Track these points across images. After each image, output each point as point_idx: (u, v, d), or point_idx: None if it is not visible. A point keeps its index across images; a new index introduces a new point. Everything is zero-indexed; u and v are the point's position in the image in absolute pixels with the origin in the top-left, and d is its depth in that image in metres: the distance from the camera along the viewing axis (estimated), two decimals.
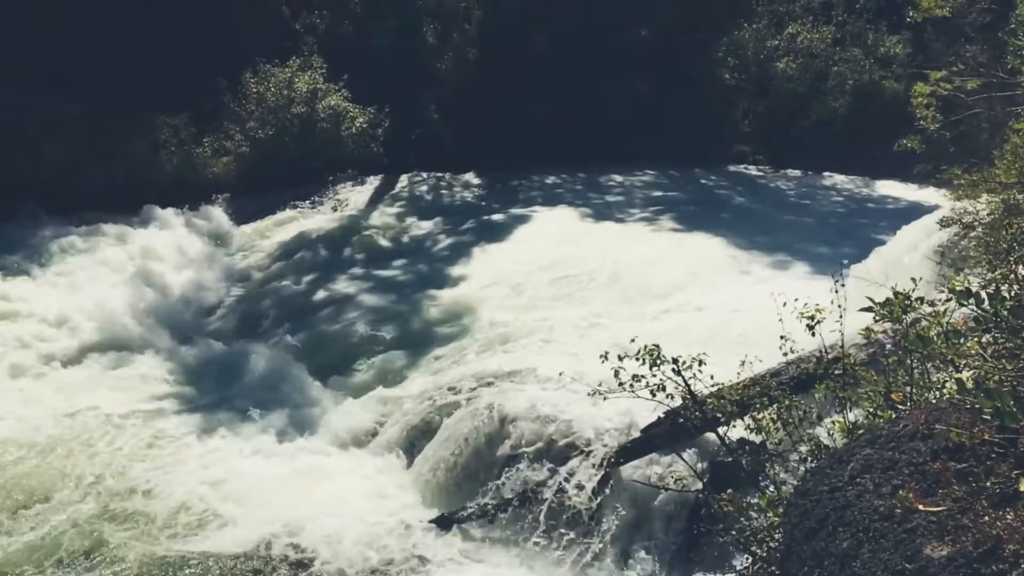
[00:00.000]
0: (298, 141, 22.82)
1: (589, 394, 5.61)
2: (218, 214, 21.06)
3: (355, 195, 22.70)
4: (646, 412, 8.33)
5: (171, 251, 18.39)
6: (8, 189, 18.92)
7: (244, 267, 18.73)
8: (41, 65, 20.33)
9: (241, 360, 13.86)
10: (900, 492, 2.84)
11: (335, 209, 21.83)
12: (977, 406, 2.86)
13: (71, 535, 9.51)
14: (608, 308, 13.43)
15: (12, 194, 18.88)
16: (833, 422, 4.44)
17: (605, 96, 25.48)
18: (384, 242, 19.38)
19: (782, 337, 5.07)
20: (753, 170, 25.78)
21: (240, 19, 24.19)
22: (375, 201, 22.33)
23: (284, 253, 18.86)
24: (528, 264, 16.48)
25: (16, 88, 19.99)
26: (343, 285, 16.77)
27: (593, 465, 9.15)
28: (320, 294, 16.43)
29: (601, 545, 8.90)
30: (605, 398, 5.43)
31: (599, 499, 9.03)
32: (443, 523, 9.77)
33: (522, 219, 19.78)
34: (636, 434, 9.03)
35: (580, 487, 9.13)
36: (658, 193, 22.51)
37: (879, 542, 2.83)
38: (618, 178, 23.80)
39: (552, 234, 18.40)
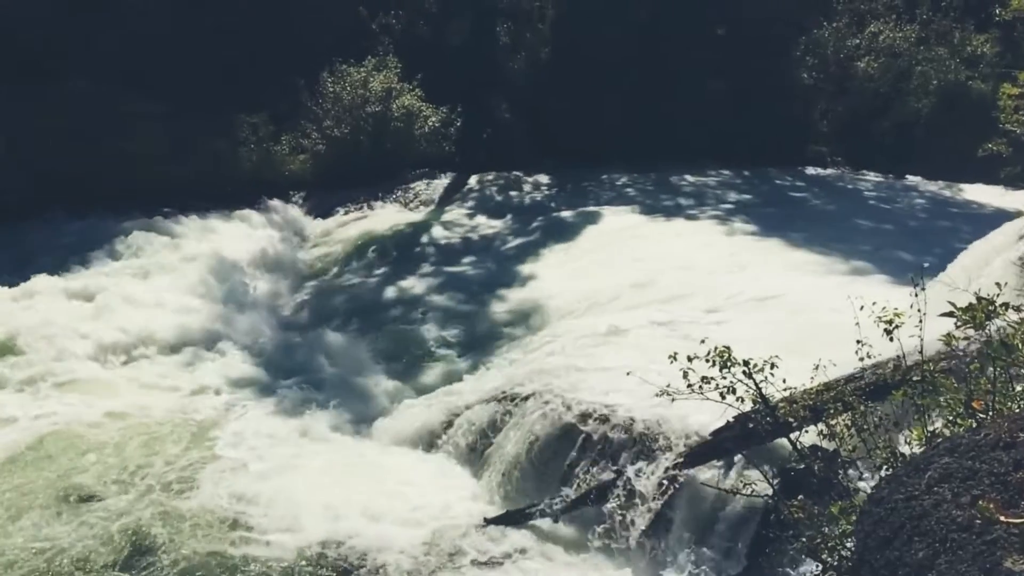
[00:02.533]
0: (372, 140, 23.23)
1: (657, 395, 5.55)
2: (294, 210, 21.58)
3: (426, 193, 22.95)
4: (716, 415, 8.22)
5: (248, 246, 18.91)
6: (95, 184, 19.70)
7: (317, 263, 19.13)
8: (128, 64, 21.12)
9: (311, 356, 14.14)
10: (980, 503, 2.76)
11: (407, 207, 22.12)
12: None
13: (121, 533, 9.41)
14: (678, 310, 13.27)
15: (98, 188, 19.66)
16: (910, 430, 4.32)
17: (679, 96, 25.23)
18: (454, 240, 19.55)
19: (858, 342, 4.96)
20: (831, 171, 25.20)
21: (318, 20, 24.72)
22: (446, 199, 22.55)
23: (356, 250, 19.19)
24: (597, 265, 16.42)
25: (105, 86, 20.83)
26: (412, 282, 16.97)
27: (661, 467, 9.08)
28: (390, 291, 16.66)
29: (668, 548, 8.83)
30: (673, 400, 5.36)
31: (667, 501, 8.95)
32: (508, 521, 9.80)
33: (592, 219, 19.70)
34: (706, 437, 8.92)
35: (647, 489, 9.07)
36: (732, 194, 22.18)
37: (956, 553, 2.75)
38: (690, 178, 23.53)
39: (622, 235, 18.28)
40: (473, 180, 23.90)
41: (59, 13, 21.45)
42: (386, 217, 21.27)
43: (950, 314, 3.99)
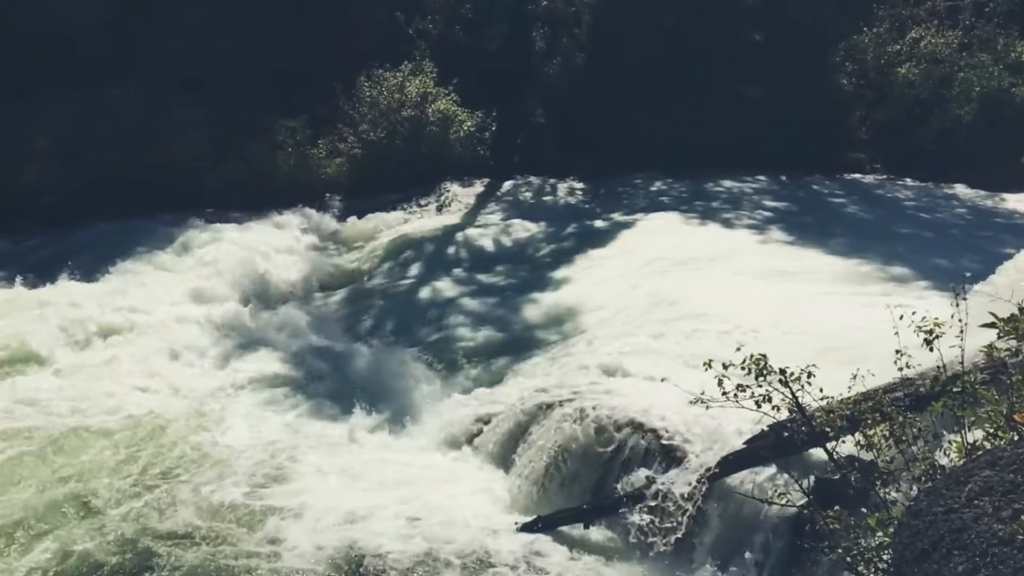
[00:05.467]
0: (407, 144, 23.37)
1: (691, 402, 5.53)
2: (329, 214, 21.75)
3: (461, 197, 23.02)
4: (749, 423, 8.16)
5: (285, 249, 19.11)
6: (131, 188, 20.04)
7: (352, 266, 19.26)
8: (175, 70, 21.49)
9: (343, 359, 14.22)
10: (1022, 517, 2.72)
11: (441, 211, 22.22)
12: None
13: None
14: (711, 318, 13.18)
15: (135, 193, 20.00)
16: (950, 442, 4.26)
17: (715, 101, 25.06)
18: (487, 245, 19.58)
19: (898, 352, 4.90)
20: (870, 179, 24.85)
21: (356, 25, 24.96)
22: (480, 204, 22.60)
23: (391, 253, 19.29)
24: (630, 271, 16.36)
25: (153, 90, 21.22)
26: (446, 287, 17.03)
27: (693, 475, 9.02)
28: (423, 295, 16.73)
29: (699, 557, 8.76)
30: (707, 407, 5.33)
31: (698, 510, 8.89)
32: (538, 527, 9.79)
33: (626, 225, 19.64)
34: (739, 445, 8.85)
35: (679, 497, 9.01)
36: (768, 201, 21.98)
37: (997, 568, 2.71)
38: (726, 184, 23.36)
39: (656, 241, 18.20)
40: (507, 185, 23.94)
41: (116, 19, 21.91)
42: (420, 221, 21.37)
43: (992, 324, 3.94)
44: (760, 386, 5.00)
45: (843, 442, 5.31)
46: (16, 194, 19.95)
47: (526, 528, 9.78)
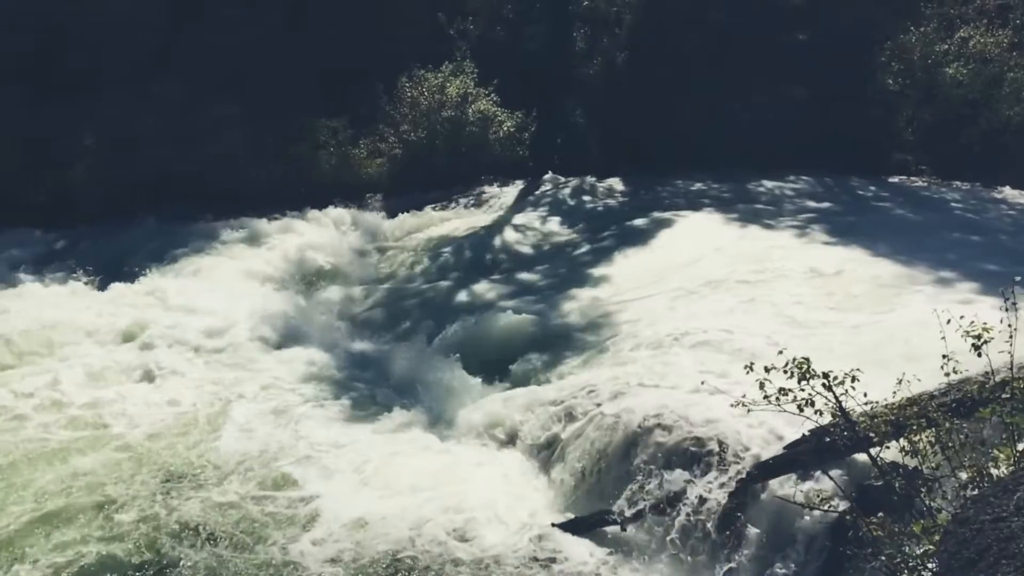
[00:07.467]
0: (447, 144, 23.49)
1: (732, 405, 5.49)
2: (370, 213, 21.92)
3: (500, 197, 23.06)
4: (791, 427, 8.07)
5: (324, 249, 19.30)
6: (176, 185, 20.38)
7: (391, 265, 19.39)
8: (215, 68, 21.81)
9: (383, 357, 14.32)
10: None
11: (480, 211, 22.28)
12: None
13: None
14: (753, 321, 13.05)
15: (179, 190, 20.33)
16: (998, 449, 4.17)
17: (758, 101, 24.80)
18: (526, 245, 19.58)
19: (944, 357, 4.80)
20: (916, 181, 24.40)
21: (397, 26, 25.14)
22: (519, 204, 22.61)
23: (430, 253, 19.39)
24: (670, 272, 16.25)
25: (189, 88, 21.55)
26: (484, 286, 17.05)
27: (732, 479, 8.94)
28: (462, 294, 16.77)
29: (738, 562, 8.68)
30: (749, 410, 5.28)
31: (737, 514, 8.81)
32: (575, 527, 9.77)
33: (665, 225, 19.50)
34: (780, 450, 8.75)
35: (718, 501, 8.93)
36: (811, 203, 21.67)
37: None
38: (769, 185, 23.08)
39: (696, 242, 18.03)
40: (546, 185, 23.90)
41: (161, 19, 22.33)
42: (460, 221, 21.44)
43: None
44: (803, 390, 4.94)
45: (887, 448, 5.22)
46: (63, 190, 20.39)
47: (563, 528, 9.77)
